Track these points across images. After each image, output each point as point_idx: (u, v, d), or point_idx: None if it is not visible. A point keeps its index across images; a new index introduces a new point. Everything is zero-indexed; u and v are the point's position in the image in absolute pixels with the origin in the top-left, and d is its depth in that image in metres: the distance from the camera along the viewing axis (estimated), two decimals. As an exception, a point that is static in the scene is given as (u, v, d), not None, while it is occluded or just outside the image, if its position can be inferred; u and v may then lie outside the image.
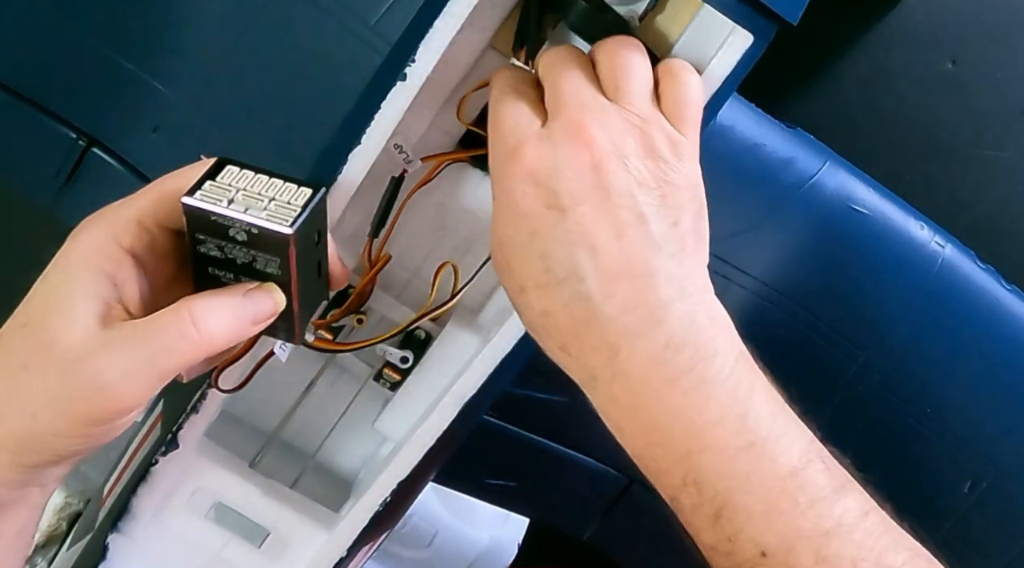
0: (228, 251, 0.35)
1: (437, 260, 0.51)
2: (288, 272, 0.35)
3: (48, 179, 0.57)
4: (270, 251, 0.35)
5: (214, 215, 0.34)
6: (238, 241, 0.35)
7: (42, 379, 0.33)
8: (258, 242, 0.35)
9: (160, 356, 0.33)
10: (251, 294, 0.35)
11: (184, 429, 0.43)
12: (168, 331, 0.34)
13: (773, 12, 0.38)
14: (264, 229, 0.34)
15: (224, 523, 0.46)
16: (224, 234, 0.35)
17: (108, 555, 0.45)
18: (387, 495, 0.44)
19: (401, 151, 0.42)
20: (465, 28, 0.40)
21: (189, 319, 0.34)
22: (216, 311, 0.35)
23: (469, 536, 0.75)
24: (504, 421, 0.55)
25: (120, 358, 0.33)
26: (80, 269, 0.34)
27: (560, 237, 0.34)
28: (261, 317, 0.36)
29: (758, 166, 0.51)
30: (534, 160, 0.35)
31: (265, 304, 0.36)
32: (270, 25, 0.54)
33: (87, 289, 0.34)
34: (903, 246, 0.53)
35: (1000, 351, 0.55)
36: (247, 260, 0.35)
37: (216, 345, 0.34)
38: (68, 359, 0.33)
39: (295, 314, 0.37)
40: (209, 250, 0.35)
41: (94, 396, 0.33)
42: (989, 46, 0.68)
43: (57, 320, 0.33)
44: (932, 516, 0.56)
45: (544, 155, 0.35)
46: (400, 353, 0.49)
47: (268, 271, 0.36)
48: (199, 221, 0.35)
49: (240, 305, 0.35)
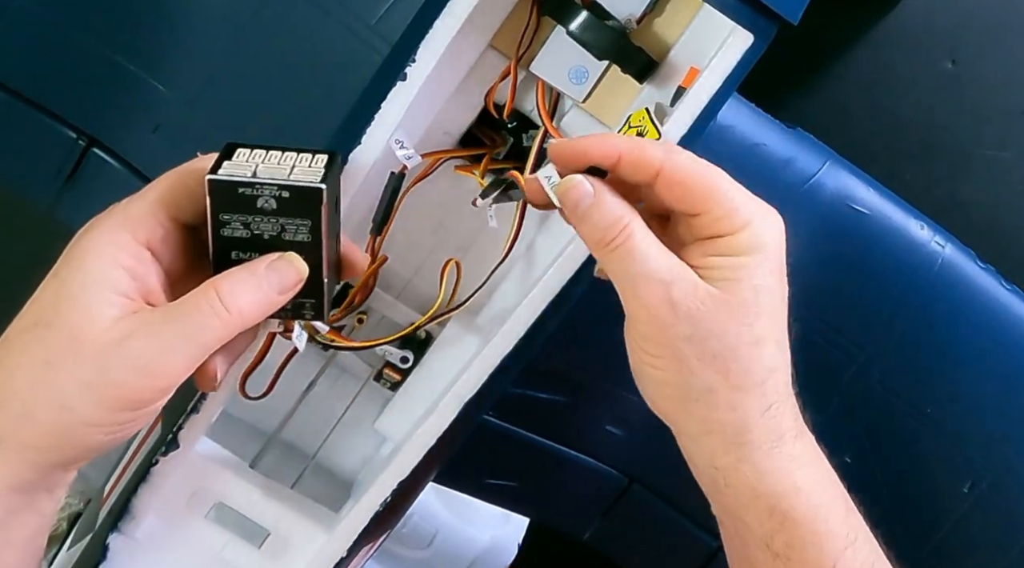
0: (255, 226, 0.35)
1: (437, 260, 0.51)
2: (319, 235, 0.36)
3: (48, 179, 0.57)
4: (301, 214, 0.35)
5: (243, 185, 0.35)
6: (266, 212, 0.35)
7: (72, 371, 0.33)
8: (288, 206, 0.35)
9: (194, 333, 0.34)
10: (274, 264, 0.36)
11: (184, 429, 0.43)
12: (199, 309, 0.34)
13: (773, 12, 0.38)
14: (296, 187, 0.34)
15: (224, 523, 0.46)
16: (251, 206, 0.35)
17: (108, 555, 0.45)
18: (387, 495, 0.44)
19: (402, 146, 0.42)
20: (465, 28, 0.40)
21: (216, 296, 0.34)
22: (241, 284, 0.35)
23: (469, 536, 0.75)
24: (504, 421, 0.55)
25: (156, 338, 0.33)
26: (96, 264, 0.34)
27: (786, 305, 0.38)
28: (287, 286, 0.36)
29: (758, 166, 0.51)
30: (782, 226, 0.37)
31: (288, 272, 0.36)
32: (270, 25, 0.54)
33: (105, 283, 0.34)
34: (903, 246, 0.53)
35: (1000, 351, 0.55)
36: (275, 232, 0.36)
37: (246, 319, 0.35)
38: (100, 346, 0.33)
39: (324, 285, 0.37)
40: (234, 231, 0.36)
41: (134, 377, 0.33)
42: (989, 46, 0.68)
43: (76, 314, 0.33)
44: (932, 516, 0.56)
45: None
46: (400, 353, 0.49)
47: (297, 239, 0.36)
48: (224, 197, 0.35)
49: (264, 276, 0.35)
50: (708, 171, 0.36)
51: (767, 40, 0.39)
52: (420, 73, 0.40)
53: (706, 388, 0.36)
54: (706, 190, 0.36)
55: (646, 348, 0.37)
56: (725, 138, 0.50)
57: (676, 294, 0.35)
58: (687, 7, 0.43)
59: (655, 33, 0.44)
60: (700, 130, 0.40)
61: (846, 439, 0.55)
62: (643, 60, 0.43)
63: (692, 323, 0.35)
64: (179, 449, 0.44)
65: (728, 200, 0.36)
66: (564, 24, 0.43)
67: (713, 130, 0.41)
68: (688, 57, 0.43)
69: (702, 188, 0.36)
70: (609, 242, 0.36)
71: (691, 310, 0.35)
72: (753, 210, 0.36)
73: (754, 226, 0.36)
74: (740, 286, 0.36)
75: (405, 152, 0.42)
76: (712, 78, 0.40)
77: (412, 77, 0.40)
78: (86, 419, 0.33)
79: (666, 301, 0.35)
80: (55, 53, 0.56)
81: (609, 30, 0.42)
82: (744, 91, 0.43)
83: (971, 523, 0.56)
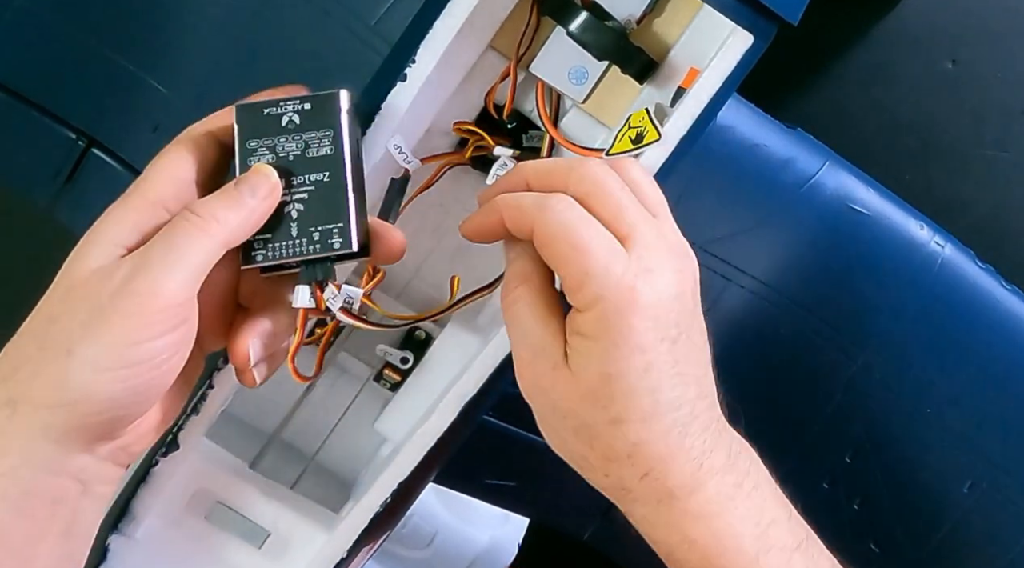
0: (280, 148, 0.37)
1: (437, 260, 0.51)
2: (340, 145, 0.37)
3: (48, 179, 0.57)
4: (322, 124, 0.37)
5: (268, 105, 0.37)
6: (290, 130, 0.37)
7: (71, 315, 0.33)
8: (310, 117, 0.37)
9: (176, 247, 0.34)
10: (241, 178, 0.36)
11: (184, 430, 0.43)
12: (175, 226, 0.34)
13: (773, 12, 0.38)
14: (316, 95, 0.37)
15: (224, 524, 0.46)
16: (276, 126, 0.37)
17: (108, 556, 0.45)
18: (387, 496, 0.44)
19: (400, 152, 0.42)
20: (465, 29, 0.40)
21: (189, 211, 0.35)
22: (214, 197, 0.35)
23: (469, 536, 0.75)
24: (504, 421, 0.55)
25: (140, 262, 0.33)
26: (103, 221, 0.35)
27: (669, 368, 0.35)
28: (260, 190, 0.36)
29: (758, 166, 0.51)
30: (650, 295, 0.34)
31: (256, 178, 0.36)
32: (270, 25, 0.54)
33: (106, 235, 0.34)
34: (903, 246, 0.53)
35: (1000, 351, 0.55)
36: (299, 151, 0.37)
37: (228, 226, 0.35)
38: (91, 285, 0.33)
39: (350, 203, 0.37)
40: (260, 157, 0.37)
41: (126, 303, 0.33)
42: (989, 46, 0.68)
43: (74, 266, 0.34)
44: (932, 516, 0.56)
45: (658, 287, 0.34)
46: (400, 353, 0.49)
47: (320, 154, 0.37)
48: (251, 121, 0.37)
49: (234, 185, 0.36)
50: (577, 233, 0.34)
51: (767, 41, 0.39)
52: (420, 74, 0.40)
53: (580, 455, 0.37)
54: (564, 256, 0.34)
55: (533, 409, 0.38)
56: (725, 138, 0.50)
57: (537, 368, 0.36)
58: (687, 7, 0.43)
59: (655, 33, 0.44)
60: (700, 131, 0.40)
61: (846, 439, 0.55)
62: (643, 60, 0.43)
63: (550, 399, 0.36)
64: (179, 450, 0.44)
65: (581, 270, 0.34)
66: (564, 25, 0.43)
67: (713, 130, 0.41)
68: (688, 58, 0.43)
69: (561, 253, 0.34)
70: (504, 298, 0.37)
71: (546, 389, 0.36)
72: (607, 284, 0.34)
73: (603, 305, 0.34)
74: (588, 372, 0.35)
75: (404, 156, 0.42)
76: (712, 79, 0.40)
77: (412, 78, 0.40)
78: (90, 361, 0.32)
79: (530, 372, 0.36)
80: (55, 53, 0.56)
81: (609, 31, 0.42)
82: (744, 91, 0.43)
83: (971, 523, 0.56)
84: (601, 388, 0.35)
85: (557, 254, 0.35)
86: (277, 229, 0.37)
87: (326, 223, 0.37)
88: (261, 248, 0.37)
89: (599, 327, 0.34)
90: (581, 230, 0.34)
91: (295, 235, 0.37)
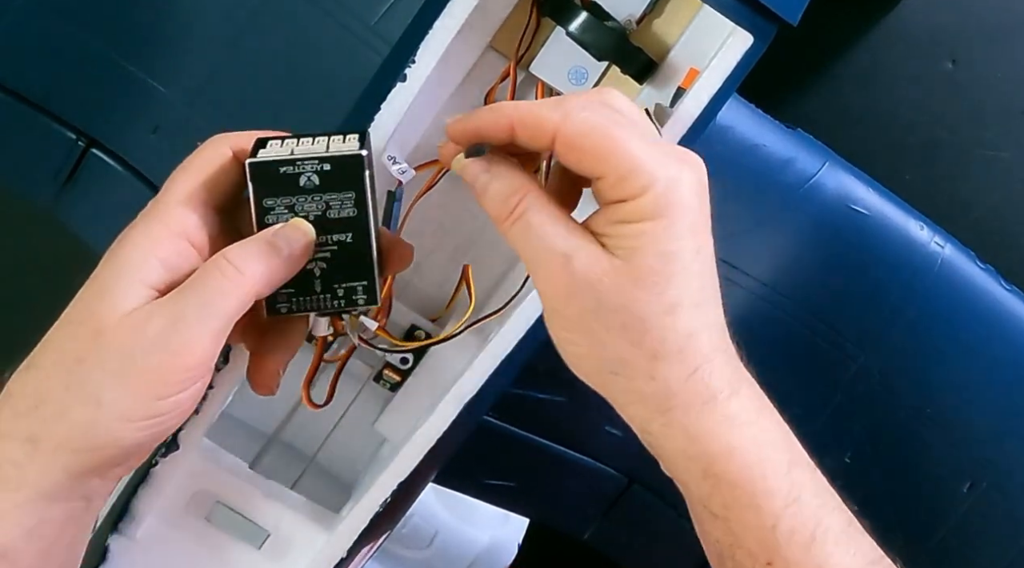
0: (299, 207, 0.36)
1: (437, 260, 0.51)
2: (364, 207, 0.36)
3: (48, 179, 0.57)
4: (344, 185, 0.35)
5: (283, 164, 0.35)
6: (309, 190, 0.35)
7: (100, 364, 0.32)
8: (331, 179, 0.35)
9: (209, 300, 0.33)
10: (279, 231, 0.36)
11: (184, 430, 0.43)
12: (210, 275, 0.34)
13: (773, 13, 0.38)
14: (337, 157, 0.35)
15: (224, 524, 0.46)
16: (294, 186, 0.35)
17: (109, 557, 0.45)
18: (387, 496, 0.44)
19: (395, 163, 0.41)
20: (465, 29, 0.40)
21: (225, 260, 0.34)
22: (250, 248, 0.35)
23: (469, 536, 0.75)
24: (504, 421, 0.55)
25: (172, 313, 0.33)
26: (128, 257, 0.34)
27: (711, 257, 0.35)
28: (296, 249, 0.35)
29: (758, 166, 0.51)
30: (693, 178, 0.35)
31: (294, 234, 0.36)
32: (270, 25, 0.54)
33: (135, 274, 0.34)
34: (903, 246, 0.53)
35: (1000, 351, 0.55)
36: (320, 212, 0.36)
37: (259, 283, 0.34)
38: (123, 334, 0.33)
39: (374, 262, 0.37)
40: (279, 216, 0.36)
41: (159, 358, 0.33)
42: (989, 46, 0.68)
43: (102, 307, 0.33)
44: (932, 516, 0.56)
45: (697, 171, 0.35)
46: (400, 354, 0.49)
47: (343, 215, 0.36)
48: (266, 180, 0.35)
49: (270, 239, 0.35)
50: (609, 130, 0.34)
51: (767, 41, 0.39)
52: (420, 74, 0.40)
53: (620, 360, 0.35)
54: (603, 151, 0.33)
55: (558, 322, 0.36)
56: (725, 138, 0.50)
57: (576, 267, 0.34)
58: (687, 8, 0.43)
59: (655, 34, 0.44)
60: (700, 131, 0.40)
61: (846, 439, 0.55)
62: (643, 61, 0.43)
63: (596, 296, 0.34)
64: (179, 450, 0.44)
65: (627, 160, 0.33)
66: (564, 25, 0.43)
67: (713, 130, 0.41)
68: (688, 58, 0.43)
69: (599, 149, 0.33)
70: (507, 217, 0.35)
71: (593, 283, 0.34)
72: (656, 169, 0.33)
73: (657, 187, 0.33)
74: (645, 254, 0.34)
75: (399, 166, 0.42)
76: (712, 79, 0.40)
77: (412, 78, 0.40)
78: (118, 412, 0.32)
79: (567, 275, 0.34)
80: (55, 54, 0.56)
81: (609, 31, 0.42)
82: (744, 91, 0.43)
83: (971, 523, 0.56)
84: (661, 268, 0.34)
85: (594, 152, 0.34)
86: (301, 283, 0.37)
87: (350, 281, 0.37)
88: (285, 301, 0.37)
89: (655, 208, 0.33)
90: (613, 126, 0.34)
91: (319, 290, 0.37)
